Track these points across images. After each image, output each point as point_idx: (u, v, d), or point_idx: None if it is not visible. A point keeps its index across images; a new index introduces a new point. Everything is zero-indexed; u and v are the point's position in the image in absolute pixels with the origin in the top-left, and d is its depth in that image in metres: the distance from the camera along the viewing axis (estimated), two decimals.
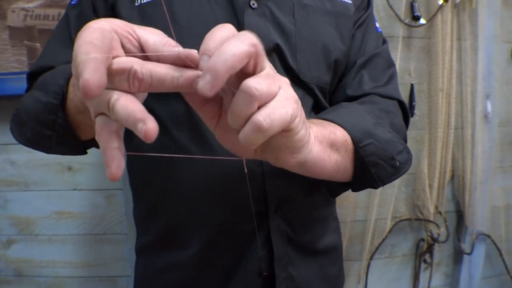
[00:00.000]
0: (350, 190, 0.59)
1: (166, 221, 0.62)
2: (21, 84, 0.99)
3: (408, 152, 0.58)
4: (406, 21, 1.07)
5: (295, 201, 0.61)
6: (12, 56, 1.03)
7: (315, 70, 0.60)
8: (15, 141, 1.06)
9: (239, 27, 0.56)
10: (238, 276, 0.60)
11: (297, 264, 0.63)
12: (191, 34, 0.55)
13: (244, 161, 0.40)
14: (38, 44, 1.02)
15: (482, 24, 1.10)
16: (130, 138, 0.64)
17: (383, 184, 0.56)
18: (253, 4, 0.57)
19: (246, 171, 0.42)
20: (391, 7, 1.06)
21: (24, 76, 0.99)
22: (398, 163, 0.54)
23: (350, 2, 0.64)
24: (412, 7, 1.07)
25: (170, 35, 0.54)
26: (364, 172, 0.52)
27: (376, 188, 0.56)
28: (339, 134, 0.49)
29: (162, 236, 0.63)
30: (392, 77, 0.67)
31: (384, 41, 0.69)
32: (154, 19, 0.55)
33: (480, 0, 1.09)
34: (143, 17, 0.55)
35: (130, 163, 0.67)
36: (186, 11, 0.55)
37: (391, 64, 0.68)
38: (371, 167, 0.52)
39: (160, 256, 0.63)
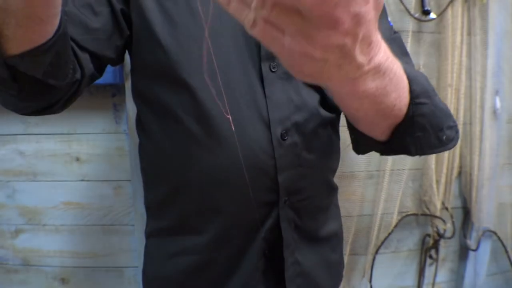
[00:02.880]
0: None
1: (179, 209, 0.63)
2: None
3: (457, 131, 0.54)
4: (416, 15, 1.07)
5: (303, 192, 0.63)
6: None
7: None
8: (24, 132, 1.07)
9: None
10: (246, 259, 0.63)
11: (302, 250, 0.66)
12: (208, 32, 0.55)
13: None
14: None
15: (493, 19, 1.09)
16: (142, 125, 0.66)
17: (421, 153, 0.51)
18: None
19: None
20: (401, 1, 1.05)
21: None
22: (444, 137, 0.51)
23: None
24: (422, 1, 1.06)
25: (192, 34, 0.55)
26: (406, 133, 0.48)
27: (411, 155, 0.51)
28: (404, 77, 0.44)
29: (176, 222, 0.65)
30: (412, 64, 0.66)
31: (395, 33, 0.69)
32: (174, 14, 0.56)
33: None
34: (161, 10, 0.56)
35: (143, 150, 0.68)
36: (205, 7, 0.56)
37: (407, 52, 0.68)
38: (417, 130, 0.48)
39: (172, 241, 0.65)
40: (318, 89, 0.62)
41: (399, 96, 0.43)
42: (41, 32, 0.40)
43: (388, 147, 0.51)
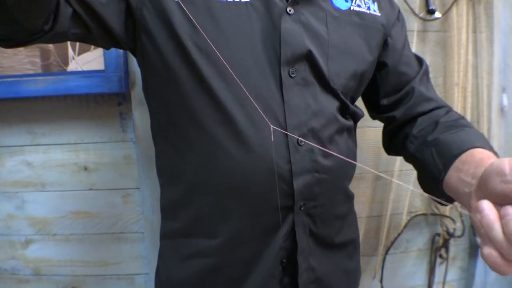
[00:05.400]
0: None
1: (195, 211, 0.63)
2: (35, 86, 0.99)
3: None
4: (421, 15, 1.06)
5: (319, 199, 0.63)
6: (25, 58, 1.03)
7: (343, 78, 0.63)
8: (31, 143, 1.07)
9: (275, 31, 0.58)
10: (261, 264, 0.63)
11: (317, 256, 0.66)
12: (228, 37, 0.56)
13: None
14: (51, 45, 1.02)
15: (498, 17, 1.09)
16: (158, 126, 0.65)
17: None
18: (290, 11, 0.59)
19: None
20: (405, 1, 1.04)
21: (38, 78, 1.00)
22: None
23: (379, 14, 0.68)
24: (427, 1, 1.05)
25: (211, 37, 0.55)
26: None
27: None
28: None
29: (190, 224, 0.65)
30: (434, 91, 0.74)
31: (421, 60, 0.75)
32: (193, 16, 0.56)
33: None
34: (182, 13, 0.56)
35: (160, 151, 0.68)
36: (224, 13, 0.57)
37: (430, 79, 0.75)
38: None
39: (186, 243, 0.65)
40: (336, 96, 0.63)
41: None
42: None
43: None
